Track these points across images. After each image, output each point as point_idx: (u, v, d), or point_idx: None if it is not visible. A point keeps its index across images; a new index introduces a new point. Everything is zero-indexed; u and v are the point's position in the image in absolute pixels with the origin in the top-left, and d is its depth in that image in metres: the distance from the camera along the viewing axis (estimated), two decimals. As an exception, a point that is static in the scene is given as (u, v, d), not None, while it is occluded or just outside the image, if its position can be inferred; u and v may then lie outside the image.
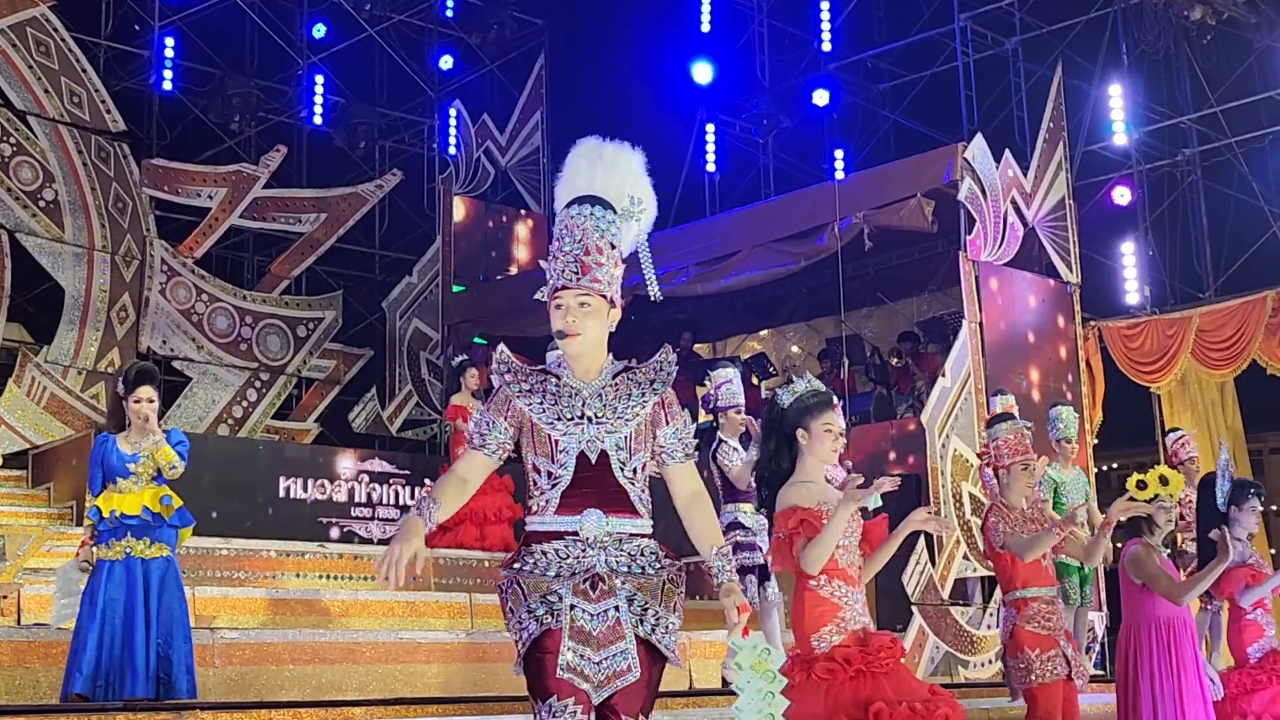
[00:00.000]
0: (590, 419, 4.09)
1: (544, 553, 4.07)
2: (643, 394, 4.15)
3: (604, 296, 4.13)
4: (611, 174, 4.32)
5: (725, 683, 9.14)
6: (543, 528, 4.09)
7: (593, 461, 4.08)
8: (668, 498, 4.24)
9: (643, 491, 4.14)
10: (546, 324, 4.20)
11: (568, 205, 4.19)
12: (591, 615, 3.97)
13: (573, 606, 3.97)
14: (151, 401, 7.41)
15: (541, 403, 4.11)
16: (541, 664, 3.94)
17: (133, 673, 7.08)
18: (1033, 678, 6.61)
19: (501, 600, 4.14)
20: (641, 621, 4.00)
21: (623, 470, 4.09)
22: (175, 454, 7.37)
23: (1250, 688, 7.76)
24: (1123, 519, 6.92)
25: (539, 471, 4.11)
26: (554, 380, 4.15)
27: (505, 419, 4.14)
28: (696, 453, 4.27)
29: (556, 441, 4.08)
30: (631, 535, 4.09)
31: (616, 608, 3.99)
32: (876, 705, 4.87)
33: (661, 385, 4.18)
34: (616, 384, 4.15)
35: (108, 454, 7.36)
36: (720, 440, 8.98)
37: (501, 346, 4.25)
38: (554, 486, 4.08)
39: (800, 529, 5.09)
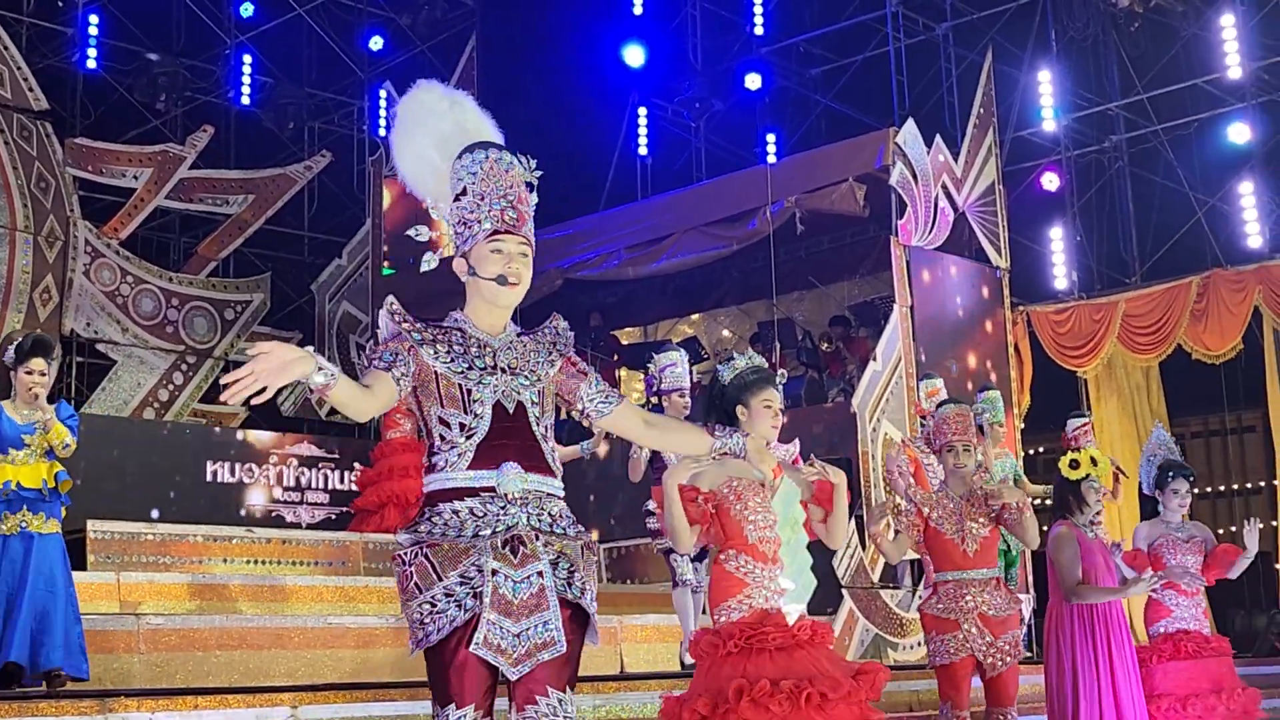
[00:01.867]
0: (504, 369, 3.87)
1: (455, 512, 3.76)
2: (549, 353, 3.99)
3: (532, 249, 3.95)
4: (483, 125, 4.09)
5: (683, 663, 9.13)
6: (452, 484, 3.79)
7: (510, 412, 3.84)
8: (612, 480, 4.15)
9: (554, 452, 3.94)
10: None
11: (477, 149, 3.92)
12: (515, 582, 3.68)
13: (494, 572, 3.67)
14: (44, 374, 7.24)
15: (449, 352, 3.84)
16: (447, 658, 3.67)
17: (50, 648, 6.96)
18: (933, 658, 6.69)
19: (402, 574, 3.76)
20: (569, 585, 3.75)
21: (539, 424, 3.87)
22: (67, 430, 7.22)
23: (1149, 660, 7.83)
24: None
25: (446, 425, 3.82)
26: (458, 334, 3.90)
27: (408, 356, 3.81)
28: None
29: (470, 391, 3.81)
30: (549, 495, 3.86)
31: (540, 573, 3.71)
32: (737, 682, 4.77)
33: (564, 348, 4.04)
34: (523, 341, 3.97)
35: None
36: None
37: (391, 298, 3.96)
38: (469, 438, 3.80)
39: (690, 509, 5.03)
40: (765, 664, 4.82)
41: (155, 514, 12.10)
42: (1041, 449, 17.57)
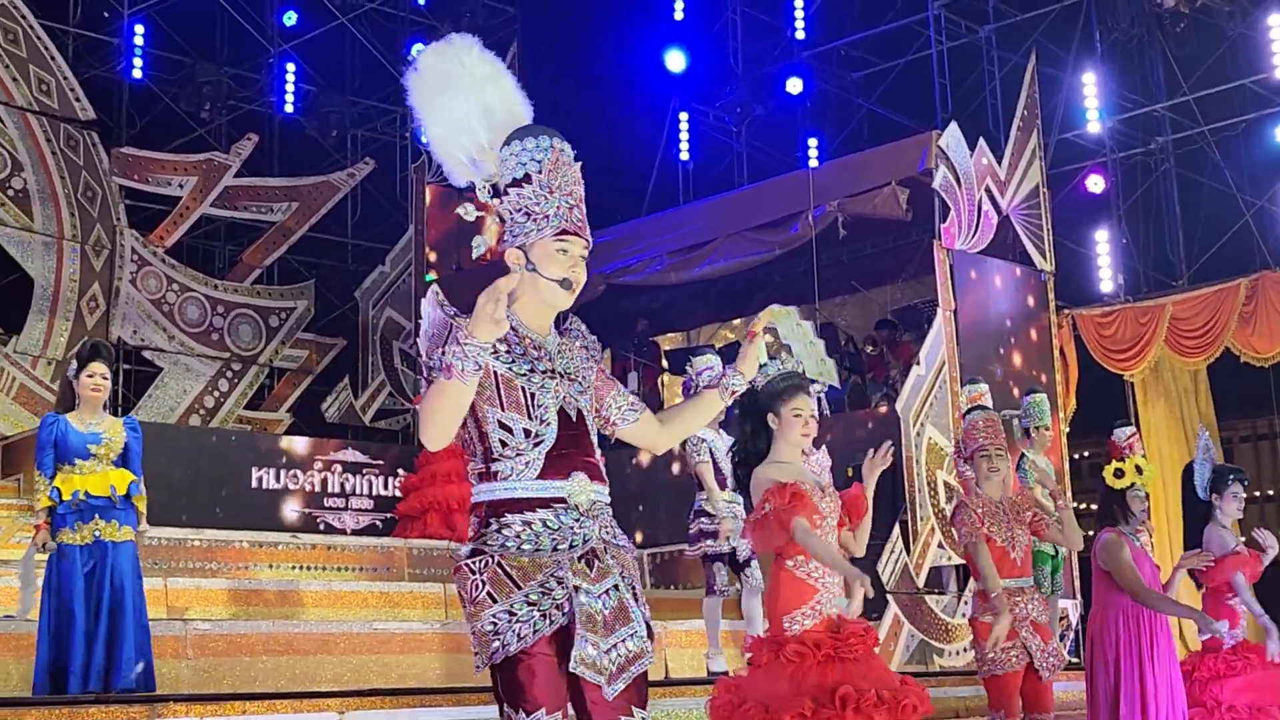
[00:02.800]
0: (561, 374, 3.71)
1: (527, 524, 3.57)
2: (587, 359, 3.84)
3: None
4: (523, 102, 3.84)
5: (710, 671, 9.11)
6: (523, 494, 3.60)
7: (573, 419, 3.70)
8: (658, 486, 4.08)
9: (601, 459, 3.79)
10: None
11: (540, 134, 3.71)
12: (595, 597, 3.55)
13: (577, 588, 3.53)
14: (105, 378, 7.27)
15: (509, 352, 3.65)
16: (528, 666, 3.50)
17: (119, 665, 6.99)
18: (986, 668, 6.61)
19: (471, 583, 3.56)
20: (635, 600, 3.63)
21: (594, 433, 3.76)
22: (143, 496, 7.29)
23: (1223, 673, 7.75)
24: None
25: (508, 430, 3.61)
26: (510, 332, 3.67)
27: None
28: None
29: (533, 395, 3.64)
30: (607, 504, 3.73)
31: (616, 586, 3.60)
32: (844, 689, 4.83)
33: (596, 352, 3.89)
34: (566, 343, 3.81)
35: (62, 434, 7.16)
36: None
37: (435, 288, 3.68)
38: (536, 446, 3.62)
39: (795, 504, 5.02)
40: (851, 673, 4.87)
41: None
42: (1087, 453, 17.45)
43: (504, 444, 3.62)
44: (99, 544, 7.10)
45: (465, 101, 3.74)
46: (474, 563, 3.57)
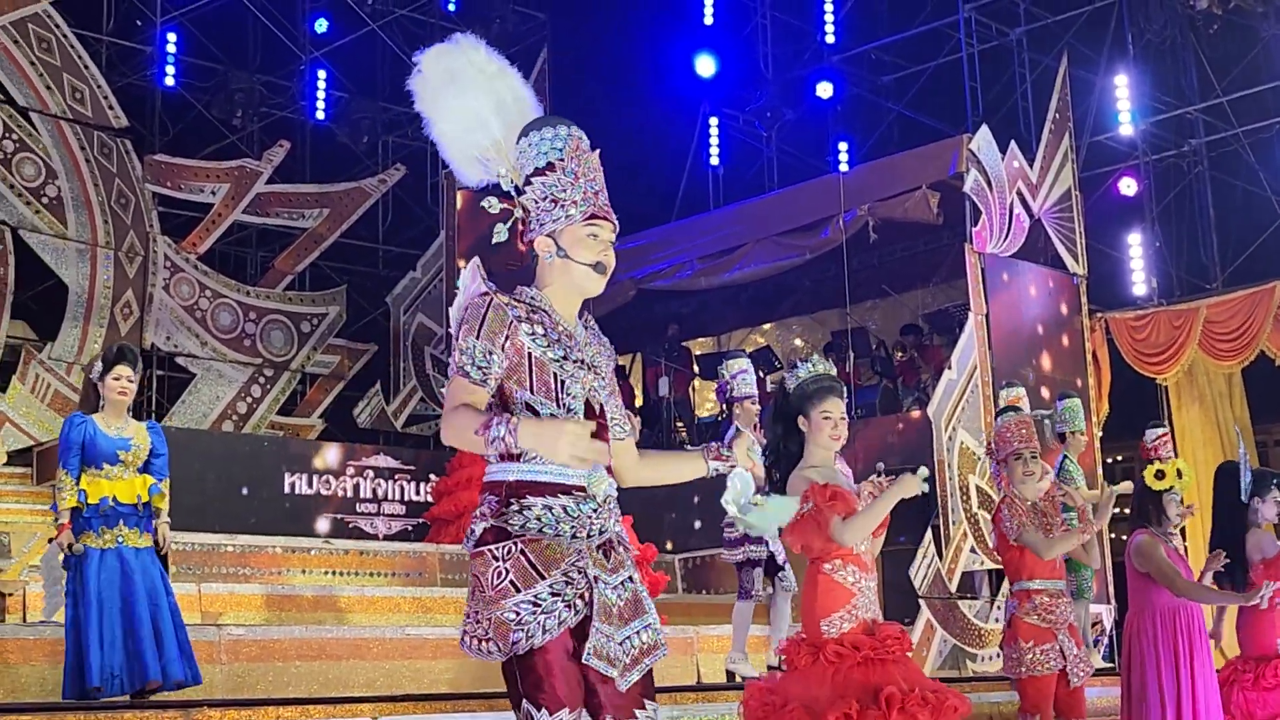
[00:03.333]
0: (590, 366, 3.68)
1: (548, 507, 3.53)
2: (607, 354, 3.80)
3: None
4: (531, 98, 3.82)
5: (730, 675, 9.11)
6: (546, 478, 3.55)
7: (596, 412, 3.67)
8: (689, 491, 4.01)
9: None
10: None
11: (558, 124, 3.69)
12: (611, 588, 3.53)
13: (596, 579, 3.50)
14: (131, 381, 7.29)
15: (545, 335, 3.61)
16: (547, 659, 3.44)
17: (141, 663, 7.01)
18: (1023, 669, 6.57)
19: (491, 573, 3.48)
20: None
21: (613, 427, 3.74)
22: (165, 497, 7.33)
23: (1260, 685, 7.68)
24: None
25: (536, 413, 3.56)
26: (544, 315, 3.66)
27: (501, 350, 3.56)
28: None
29: (564, 382, 3.61)
30: (617, 500, 3.70)
31: (630, 578, 3.60)
32: (889, 690, 4.84)
33: (612, 353, 3.84)
34: (592, 336, 3.78)
35: (90, 437, 7.16)
36: (738, 430, 8.97)
37: (477, 259, 3.74)
38: None
39: (836, 503, 5.03)
40: (891, 674, 4.87)
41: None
42: (1120, 457, 17.36)
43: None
44: (120, 549, 7.13)
45: (476, 98, 3.73)
46: (497, 549, 3.50)
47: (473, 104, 3.72)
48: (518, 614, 3.43)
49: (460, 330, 3.60)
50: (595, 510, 3.59)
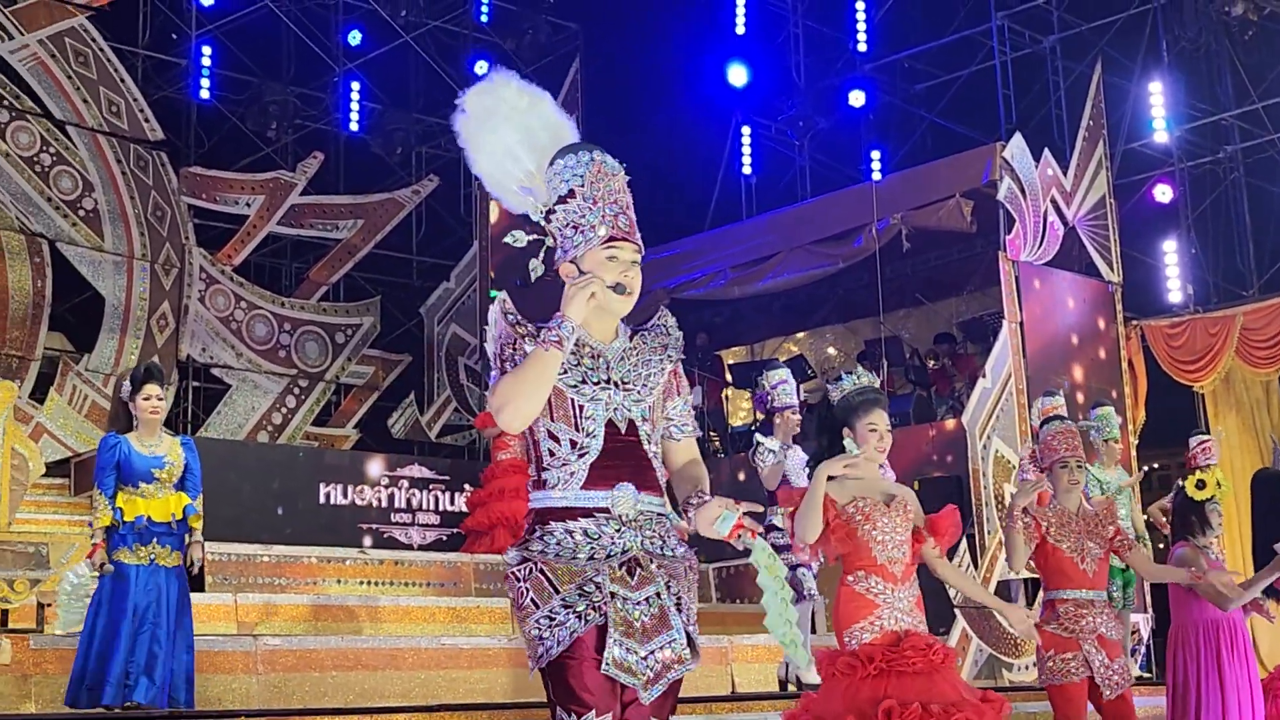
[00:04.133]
0: (617, 384, 3.76)
1: (569, 532, 3.67)
2: (660, 360, 3.87)
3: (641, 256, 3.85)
4: (564, 123, 3.94)
5: (783, 684, 9.09)
6: (565, 503, 3.69)
7: (622, 431, 3.74)
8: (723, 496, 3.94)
9: (662, 468, 3.84)
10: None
11: (580, 150, 3.79)
12: (634, 604, 3.61)
13: (613, 595, 3.59)
14: (161, 399, 7.35)
15: (575, 364, 3.75)
16: (574, 668, 3.57)
17: (150, 682, 7.05)
18: (1045, 676, 6.54)
19: (516, 591, 3.68)
20: (679, 611, 3.66)
21: (649, 442, 3.78)
22: (199, 516, 7.38)
23: None
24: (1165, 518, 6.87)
25: (556, 440, 3.72)
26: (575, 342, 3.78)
27: None
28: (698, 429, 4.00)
29: (582, 407, 3.72)
30: (659, 515, 3.77)
31: (658, 594, 3.64)
32: (887, 703, 4.77)
33: (675, 352, 3.92)
34: (635, 346, 3.86)
35: (126, 456, 7.24)
36: (757, 442, 8.97)
37: (504, 296, 3.87)
38: (581, 457, 3.70)
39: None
40: (908, 687, 4.81)
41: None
42: (1157, 465, 17.26)
43: (552, 454, 3.73)
44: (153, 566, 7.18)
45: (507, 132, 3.87)
46: (520, 570, 3.69)
47: (504, 139, 3.86)
48: (539, 629, 3.62)
49: (495, 369, 3.80)
50: (619, 530, 3.69)
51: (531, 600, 3.64)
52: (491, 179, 3.91)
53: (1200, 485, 7.30)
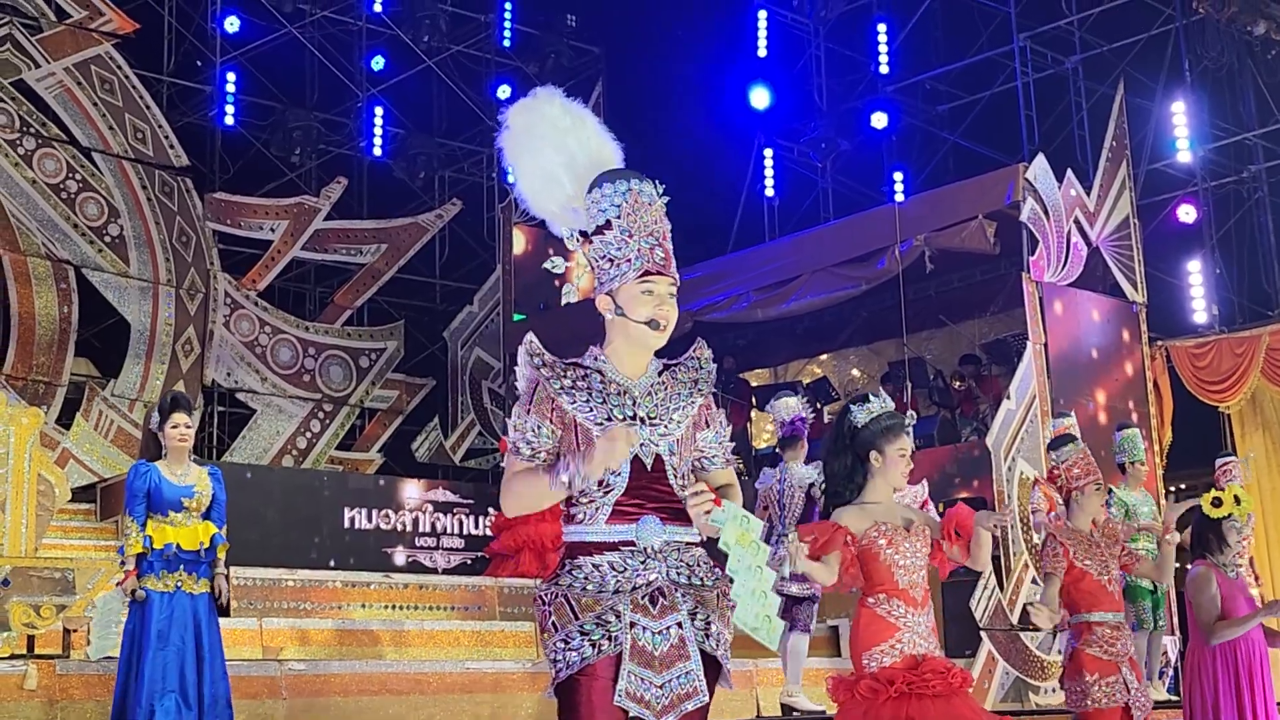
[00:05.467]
0: (643, 420, 3.76)
1: (595, 566, 3.70)
2: (689, 394, 3.86)
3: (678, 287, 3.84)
4: (607, 145, 3.92)
5: (785, 710, 9.07)
6: (593, 538, 3.73)
7: (648, 468, 3.75)
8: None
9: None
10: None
11: (617, 179, 3.79)
12: (654, 634, 3.64)
13: (633, 624, 3.63)
14: (189, 427, 7.42)
15: (588, 402, 3.75)
16: (585, 692, 3.62)
17: (183, 704, 7.07)
18: (1089, 702, 6.47)
19: (541, 615, 3.76)
20: (706, 637, 3.70)
21: (675, 475, 3.78)
22: (225, 546, 7.42)
23: None
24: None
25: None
26: (597, 376, 3.79)
27: (550, 421, 3.75)
28: (735, 458, 4.01)
29: None
30: (688, 544, 3.78)
31: (679, 624, 3.67)
32: None
33: (705, 385, 3.90)
34: (664, 382, 3.84)
35: (156, 484, 7.29)
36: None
37: (531, 336, 3.83)
38: (606, 494, 3.72)
39: (816, 542, 5.02)
40: (928, 710, 4.80)
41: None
42: (1183, 486, 17.17)
43: (582, 491, 3.74)
44: (179, 594, 7.23)
45: (549, 155, 3.86)
46: (546, 594, 3.76)
47: (546, 161, 3.86)
48: (554, 653, 3.70)
49: (518, 405, 3.82)
50: (644, 562, 3.72)
51: (553, 622, 3.72)
52: (536, 200, 3.92)
53: (1217, 503, 7.27)
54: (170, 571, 7.23)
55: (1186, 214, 16.34)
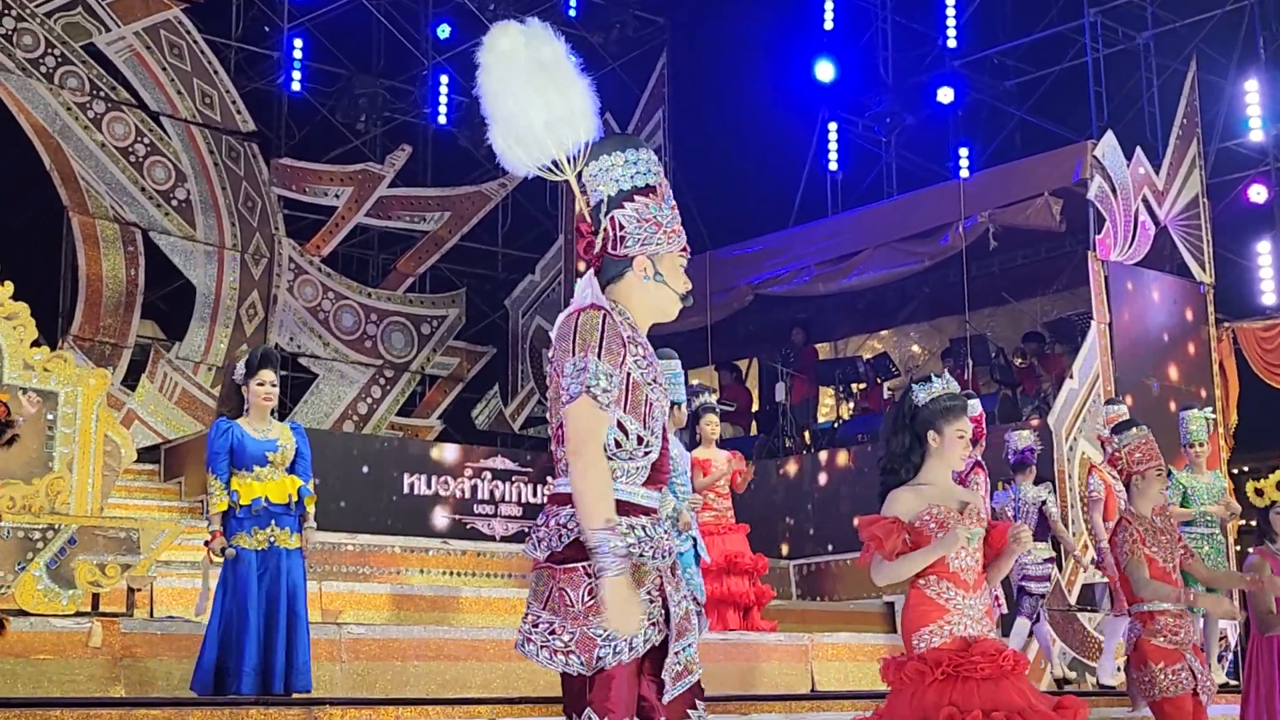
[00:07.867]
0: (656, 382, 3.68)
1: (631, 528, 3.52)
2: None
3: None
4: (578, 80, 3.90)
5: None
6: (631, 499, 3.57)
7: (668, 435, 3.74)
8: (803, 497, 3.99)
9: None
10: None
11: (646, 148, 3.77)
12: (675, 604, 3.59)
13: (668, 596, 3.59)
14: (275, 385, 7.42)
15: (644, 358, 3.64)
16: (618, 674, 3.49)
17: (276, 669, 7.12)
18: (1157, 691, 6.42)
19: (584, 590, 3.50)
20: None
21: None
22: (312, 498, 7.44)
23: None
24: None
25: (624, 431, 3.57)
26: (636, 333, 3.68)
27: (620, 370, 3.56)
28: None
29: (652, 405, 3.63)
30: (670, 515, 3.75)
31: (687, 595, 3.67)
32: (947, 710, 4.75)
33: None
34: None
35: (239, 440, 7.27)
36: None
37: (591, 273, 3.73)
38: (646, 454, 3.62)
39: (890, 539, 4.99)
40: (973, 693, 4.78)
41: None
42: (1248, 468, 16.99)
43: (618, 444, 3.58)
44: (273, 549, 7.23)
45: (527, 91, 3.93)
46: (590, 564, 3.49)
47: (517, 100, 3.95)
48: (605, 632, 3.47)
49: (573, 345, 3.55)
50: (665, 532, 3.64)
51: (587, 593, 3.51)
52: (503, 143, 3.98)
53: (1259, 493, 7.24)
54: (261, 528, 7.21)
55: (1257, 194, 16.12)
